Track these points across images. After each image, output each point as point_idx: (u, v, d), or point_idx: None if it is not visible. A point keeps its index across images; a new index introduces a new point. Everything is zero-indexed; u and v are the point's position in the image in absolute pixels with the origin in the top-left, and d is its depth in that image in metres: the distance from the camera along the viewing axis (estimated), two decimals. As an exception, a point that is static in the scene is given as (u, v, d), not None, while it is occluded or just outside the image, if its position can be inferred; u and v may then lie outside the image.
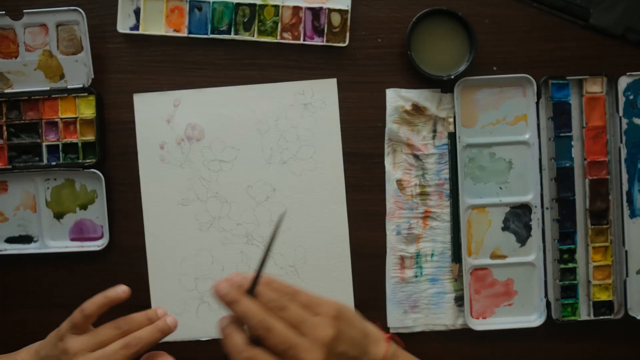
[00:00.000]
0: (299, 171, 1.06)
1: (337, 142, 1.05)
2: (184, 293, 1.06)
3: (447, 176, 1.05)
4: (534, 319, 1.05)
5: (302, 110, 1.06)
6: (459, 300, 1.06)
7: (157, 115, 1.06)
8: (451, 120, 1.04)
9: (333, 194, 1.05)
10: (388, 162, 1.05)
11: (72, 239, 1.07)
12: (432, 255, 1.06)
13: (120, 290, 0.91)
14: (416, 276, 1.06)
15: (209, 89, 1.06)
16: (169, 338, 1.05)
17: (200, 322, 1.07)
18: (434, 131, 1.05)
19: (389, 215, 1.06)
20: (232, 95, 1.05)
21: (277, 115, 1.06)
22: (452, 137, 1.04)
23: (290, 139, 1.06)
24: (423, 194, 1.06)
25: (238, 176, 1.06)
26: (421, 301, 1.06)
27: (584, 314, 1.05)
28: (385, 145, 1.05)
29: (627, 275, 1.04)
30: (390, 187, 1.05)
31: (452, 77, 1.01)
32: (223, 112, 1.06)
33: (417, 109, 1.04)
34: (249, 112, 1.06)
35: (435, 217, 1.06)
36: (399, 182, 1.05)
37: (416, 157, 1.05)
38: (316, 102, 1.05)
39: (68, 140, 1.05)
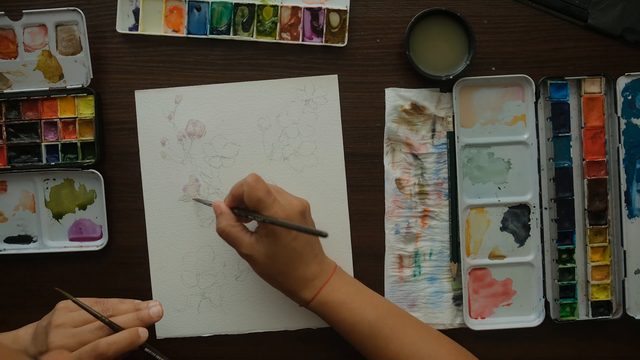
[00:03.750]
0: (301, 167, 1.06)
1: (338, 138, 1.06)
2: (185, 289, 1.07)
3: (446, 175, 1.06)
4: (533, 319, 1.06)
5: (304, 106, 1.06)
6: (458, 300, 1.06)
7: (158, 111, 1.06)
8: (450, 119, 1.05)
9: (334, 190, 1.06)
10: (387, 161, 1.06)
11: (71, 239, 1.07)
12: (431, 254, 1.06)
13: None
14: (414, 275, 1.06)
15: (210, 85, 1.06)
16: (171, 334, 1.07)
17: (201, 319, 1.07)
18: (433, 130, 1.05)
19: (388, 214, 1.06)
20: (233, 91, 1.06)
21: (279, 111, 1.06)
22: (451, 136, 1.05)
23: (291, 135, 1.06)
24: (422, 193, 1.06)
25: (239, 172, 1.06)
26: (419, 300, 1.06)
27: (583, 313, 1.06)
28: (384, 145, 1.05)
29: (625, 275, 1.05)
30: (389, 186, 1.06)
31: (451, 77, 1.02)
32: (224, 108, 1.06)
33: (416, 108, 1.05)
34: (250, 108, 1.06)
35: (434, 216, 1.06)
36: (398, 181, 1.06)
37: (415, 156, 1.06)
38: (317, 98, 1.06)
39: (67, 140, 1.05)
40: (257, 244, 0.93)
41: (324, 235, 0.79)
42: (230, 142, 1.06)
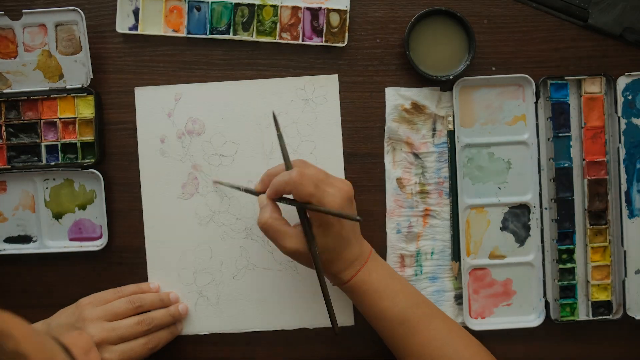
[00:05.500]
0: (299, 167, 1.07)
1: (337, 138, 1.07)
2: (182, 287, 1.07)
3: (447, 174, 1.07)
4: (533, 319, 1.06)
5: (303, 106, 1.07)
6: (459, 299, 1.07)
7: (158, 109, 1.07)
8: (450, 118, 1.05)
9: None
10: (388, 160, 1.06)
11: (71, 239, 1.08)
12: (432, 253, 1.07)
13: (153, 287, 1.07)
14: (416, 274, 1.07)
15: (210, 83, 1.07)
16: None
17: (198, 317, 1.08)
18: (434, 129, 1.06)
19: (389, 214, 1.07)
20: (233, 89, 1.06)
21: (278, 110, 1.06)
22: (452, 135, 1.05)
23: (290, 134, 1.07)
24: (423, 193, 1.07)
25: (238, 171, 1.07)
26: None
27: (583, 314, 1.06)
28: (385, 144, 1.06)
29: (625, 275, 1.05)
30: (390, 186, 1.06)
31: (451, 77, 1.03)
32: (224, 107, 1.07)
33: (417, 108, 1.06)
34: (249, 106, 1.07)
35: (435, 215, 1.07)
36: (399, 181, 1.06)
37: (416, 155, 1.06)
38: (317, 97, 1.07)
39: (67, 140, 1.06)
40: (302, 237, 0.92)
41: (361, 220, 0.88)
42: (229, 141, 1.07)
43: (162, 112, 1.07)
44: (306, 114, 1.07)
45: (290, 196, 0.92)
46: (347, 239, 0.93)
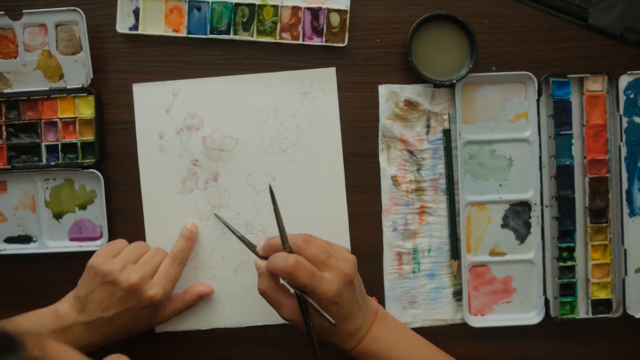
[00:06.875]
0: (299, 160, 1.09)
1: (336, 131, 1.08)
2: (184, 283, 1.08)
3: (443, 171, 1.08)
4: (533, 317, 1.08)
5: (302, 99, 1.08)
6: (458, 295, 1.09)
7: (156, 104, 1.08)
8: (446, 117, 1.07)
9: (332, 183, 1.08)
10: (382, 158, 1.08)
11: (72, 239, 1.10)
12: (429, 250, 1.09)
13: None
14: (414, 272, 1.09)
15: (209, 78, 1.08)
16: (169, 329, 1.08)
17: (200, 312, 1.09)
18: (428, 126, 1.08)
19: (385, 212, 1.08)
20: (232, 84, 1.08)
21: (277, 104, 1.08)
22: (447, 133, 1.07)
23: (289, 128, 1.08)
24: (418, 190, 1.08)
25: (237, 165, 1.09)
26: (419, 297, 1.09)
27: (583, 312, 1.08)
28: (379, 142, 1.08)
29: (626, 274, 1.07)
30: (386, 184, 1.08)
31: (455, 81, 1.04)
32: (222, 102, 1.08)
33: (410, 105, 1.07)
34: (248, 101, 1.08)
35: (431, 212, 1.09)
36: (394, 178, 1.08)
37: (410, 152, 1.08)
38: (315, 91, 1.08)
39: (67, 140, 1.07)
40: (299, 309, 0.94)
41: (336, 325, 0.90)
42: (228, 135, 1.08)
43: (160, 108, 1.09)
44: (305, 108, 1.08)
45: None
46: (346, 316, 0.94)
